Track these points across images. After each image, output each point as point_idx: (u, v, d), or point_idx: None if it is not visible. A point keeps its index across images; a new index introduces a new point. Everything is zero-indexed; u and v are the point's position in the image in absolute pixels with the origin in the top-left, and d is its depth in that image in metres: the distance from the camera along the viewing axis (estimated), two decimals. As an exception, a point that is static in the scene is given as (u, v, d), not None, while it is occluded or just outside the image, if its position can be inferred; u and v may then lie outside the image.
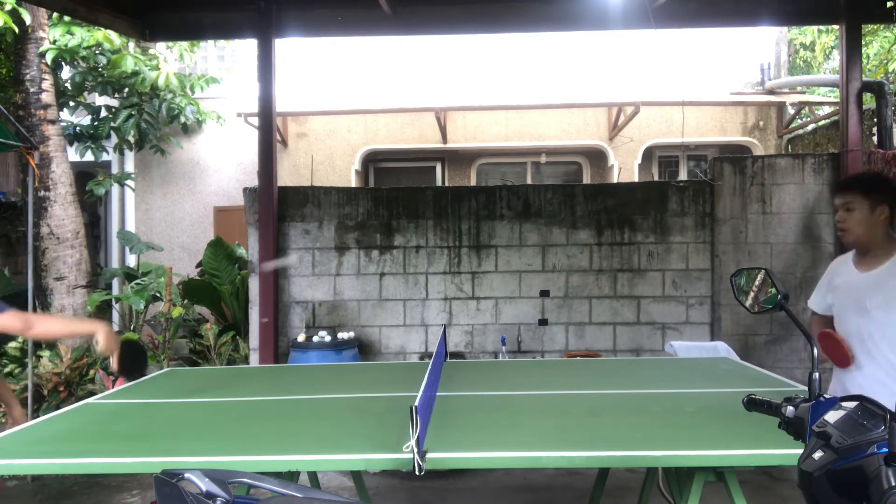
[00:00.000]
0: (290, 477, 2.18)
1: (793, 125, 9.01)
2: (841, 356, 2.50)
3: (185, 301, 6.87)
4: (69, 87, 7.52)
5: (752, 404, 1.50)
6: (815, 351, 1.45)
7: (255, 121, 6.90)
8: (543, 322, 5.65)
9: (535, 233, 5.64)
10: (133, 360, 2.83)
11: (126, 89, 7.69)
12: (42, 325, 2.80)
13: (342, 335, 5.32)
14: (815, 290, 2.79)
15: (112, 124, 7.77)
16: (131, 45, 8.13)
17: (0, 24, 5.70)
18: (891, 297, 2.40)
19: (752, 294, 1.87)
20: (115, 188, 9.04)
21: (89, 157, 7.90)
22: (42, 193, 6.50)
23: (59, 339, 5.12)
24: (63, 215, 6.61)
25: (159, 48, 8.00)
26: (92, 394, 5.15)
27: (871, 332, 2.44)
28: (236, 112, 8.42)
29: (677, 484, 2.34)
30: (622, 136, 8.85)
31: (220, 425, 2.45)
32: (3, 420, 4.90)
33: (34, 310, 6.09)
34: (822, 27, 11.39)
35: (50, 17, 6.90)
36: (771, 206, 5.56)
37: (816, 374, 1.37)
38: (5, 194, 8.79)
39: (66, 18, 6.81)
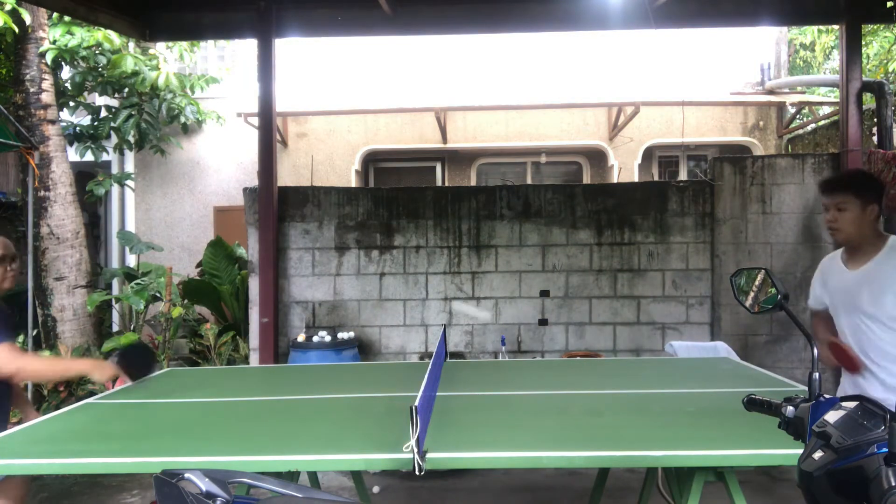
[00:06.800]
0: (290, 477, 2.17)
1: (793, 125, 9.01)
2: (850, 363, 2.51)
3: (185, 301, 6.87)
4: (69, 87, 7.51)
5: (752, 404, 1.49)
6: (815, 351, 1.44)
7: (255, 121, 6.90)
8: (543, 322, 5.65)
9: (535, 233, 5.64)
10: (140, 364, 3.01)
11: (126, 89, 7.68)
12: (31, 368, 2.89)
13: (342, 335, 5.32)
14: (811, 289, 2.81)
15: (112, 124, 7.77)
16: (131, 45, 8.13)
17: (0, 24, 5.70)
18: (878, 291, 2.42)
19: (752, 294, 1.87)
20: (115, 188, 9.04)
21: (89, 157, 7.89)
22: (42, 193, 6.50)
23: (48, 381, 5.36)
24: (63, 215, 6.61)
25: (159, 48, 8.00)
26: (92, 394, 5.15)
27: (864, 328, 2.46)
28: (236, 112, 8.42)
29: (677, 484, 2.34)
30: (622, 136, 8.85)
31: (221, 425, 2.45)
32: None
33: (34, 310, 6.10)
34: (822, 27, 11.38)
35: (50, 17, 6.90)
36: (771, 206, 5.56)
37: (816, 374, 1.37)
38: (5, 194, 8.79)
39: (66, 18, 6.81)
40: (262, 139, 5.57)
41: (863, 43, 6.75)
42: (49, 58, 6.55)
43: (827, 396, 1.31)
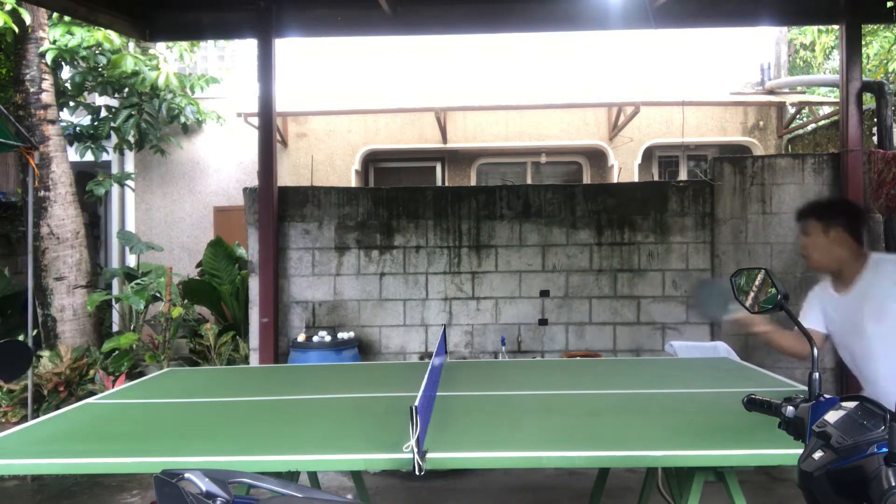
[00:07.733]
0: (290, 477, 2.18)
1: (793, 125, 9.00)
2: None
3: (185, 301, 6.87)
4: (69, 87, 7.52)
5: (752, 404, 1.50)
6: (815, 351, 1.44)
7: (255, 121, 6.90)
8: (543, 322, 5.65)
9: (535, 233, 5.64)
10: (11, 363, 2.73)
11: (126, 89, 7.68)
12: None
13: (342, 335, 5.32)
14: (807, 312, 2.57)
15: (112, 124, 7.77)
16: (131, 45, 8.13)
17: (0, 24, 5.70)
18: (878, 309, 2.30)
19: (752, 294, 1.87)
20: (115, 188, 9.04)
21: (89, 157, 7.90)
22: (42, 193, 6.50)
23: None
24: (63, 215, 6.61)
25: (159, 48, 8.00)
26: (92, 394, 5.15)
27: (870, 349, 2.34)
28: (236, 112, 8.42)
29: (677, 484, 2.34)
30: (622, 136, 8.85)
31: (220, 425, 2.45)
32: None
33: (34, 310, 6.09)
34: (822, 27, 11.38)
35: (50, 17, 6.90)
36: (771, 206, 5.56)
37: (816, 374, 1.37)
38: (5, 194, 8.79)
39: (66, 18, 6.81)
40: (262, 139, 5.57)
41: (863, 43, 6.76)
42: (49, 58, 6.55)
43: (827, 396, 1.31)
